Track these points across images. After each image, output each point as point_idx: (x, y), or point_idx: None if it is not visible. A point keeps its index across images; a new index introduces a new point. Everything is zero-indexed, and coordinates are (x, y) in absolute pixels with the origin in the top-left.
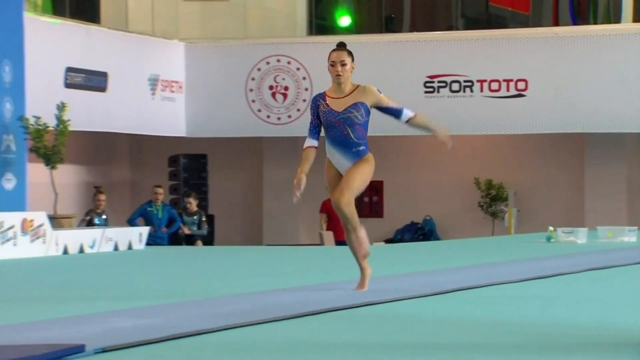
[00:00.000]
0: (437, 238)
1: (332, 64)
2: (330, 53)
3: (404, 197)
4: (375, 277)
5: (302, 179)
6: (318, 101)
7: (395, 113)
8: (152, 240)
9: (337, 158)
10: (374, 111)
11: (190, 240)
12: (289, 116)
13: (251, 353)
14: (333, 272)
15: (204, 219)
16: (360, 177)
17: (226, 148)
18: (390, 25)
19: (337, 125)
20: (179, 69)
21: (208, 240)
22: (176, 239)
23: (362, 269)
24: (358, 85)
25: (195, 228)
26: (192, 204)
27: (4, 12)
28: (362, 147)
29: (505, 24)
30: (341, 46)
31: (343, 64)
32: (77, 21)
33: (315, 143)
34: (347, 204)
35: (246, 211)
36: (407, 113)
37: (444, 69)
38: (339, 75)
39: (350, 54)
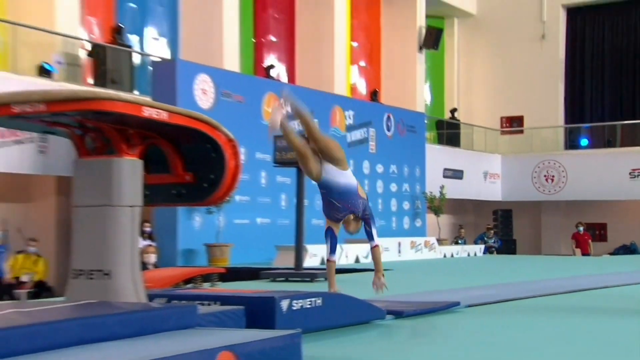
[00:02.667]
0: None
1: None
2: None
3: (619, 230)
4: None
5: None
6: None
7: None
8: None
9: None
10: None
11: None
12: (555, 190)
13: (551, 313)
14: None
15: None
16: None
17: (519, 205)
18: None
19: None
20: (498, 168)
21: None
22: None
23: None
24: None
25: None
26: (491, 232)
27: None
28: None
29: None
30: None
31: None
32: None
33: None
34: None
35: (533, 235)
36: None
37: None
38: None
39: None
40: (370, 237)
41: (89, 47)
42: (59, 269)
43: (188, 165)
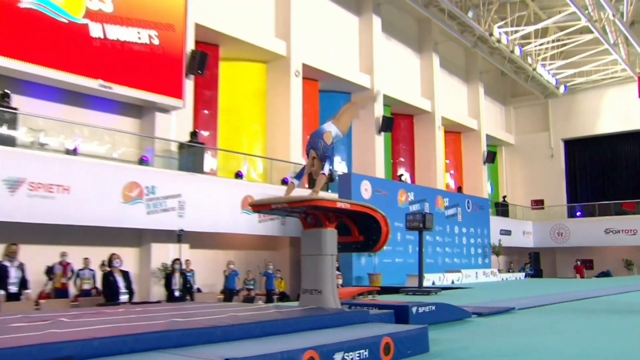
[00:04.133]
0: None
1: None
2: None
3: (600, 262)
4: None
5: None
6: None
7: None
8: None
9: None
10: None
11: None
12: (563, 241)
13: (574, 311)
14: None
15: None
16: None
17: (543, 250)
18: None
19: None
20: (530, 229)
21: None
22: None
23: None
24: None
25: (530, 271)
26: (528, 265)
27: None
28: None
29: None
30: None
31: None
32: None
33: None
34: None
35: (552, 266)
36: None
37: None
38: None
39: None
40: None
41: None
42: (292, 286)
43: (361, 231)
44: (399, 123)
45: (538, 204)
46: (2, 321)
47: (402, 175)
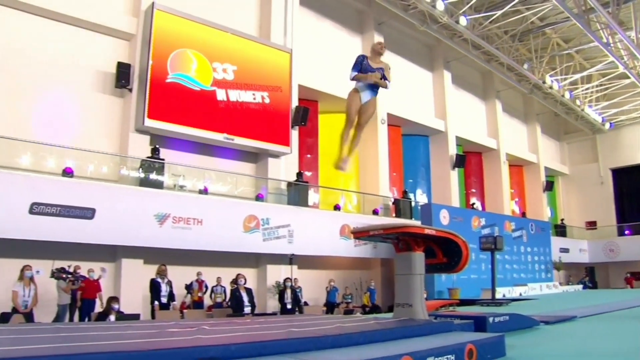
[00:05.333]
0: None
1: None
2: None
3: None
4: None
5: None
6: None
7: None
8: None
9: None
10: None
11: None
12: (615, 256)
13: (631, 318)
14: None
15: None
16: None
17: (598, 265)
18: None
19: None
20: (586, 247)
21: None
22: None
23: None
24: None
25: (588, 283)
26: (586, 278)
27: None
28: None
29: None
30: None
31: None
32: None
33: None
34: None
35: (606, 279)
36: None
37: None
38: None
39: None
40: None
41: (391, 200)
42: (382, 299)
43: (444, 254)
44: (470, 160)
45: (591, 224)
46: (160, 326)
47: (474, 203)
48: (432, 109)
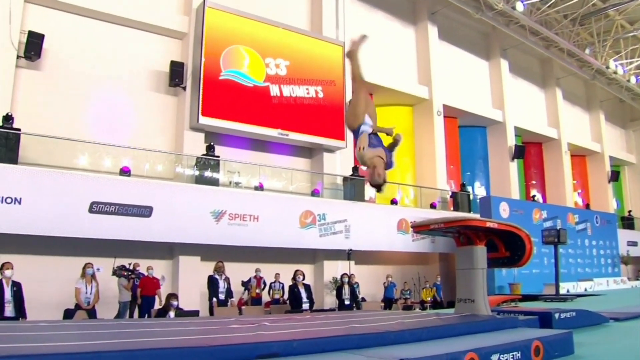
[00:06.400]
0: None
1: None
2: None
3: None
4: None
5: None
6: None
7: None
8: None
9: None
10: None
11: None
12: None
13: None
14: None
15: None
16: None
17: None
18: None
19: None
20: None
21: None
22: None
23: None
24: None
25: None
26: None
27: None
28: None
29: None
30: None
31: None
32: None
33: None
34: None
35: None
36: None
37: None
38: None
39: None
40: None
41: (449, 194)
42: (444, 294)
43: (507, 247)
44: (530, 150)
45: None
46: (221, 323)
47: (534, 196)
48: (489, 99)
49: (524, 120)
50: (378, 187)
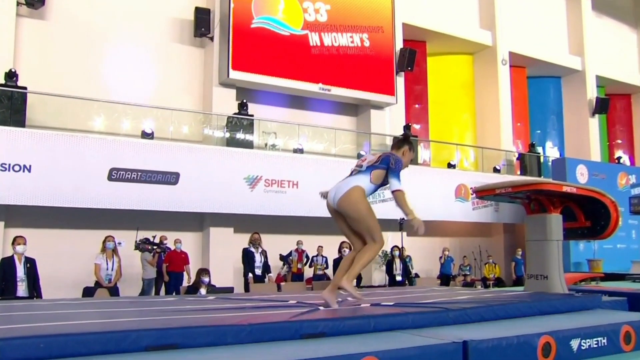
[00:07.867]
0: None
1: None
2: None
3: None
4: None
5: None
6: None
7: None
8: None
9: None
10: None
11: None
12: None
13: None
14: None
15: None
16: None
17: None
18: None
19: None
20: None
21: None
22: None
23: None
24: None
25: None
26: None
27: None
28: None
29: None
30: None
31: None
32: None
33: None
34: None
35: None
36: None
37: None
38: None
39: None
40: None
41: (515, 155)
42: (506, 272)
43: (587, 216)
44: (615, 104)
45: None
46: (259, 300)
47: (620, 157)
48: (565, 43)
49: (609, 67)
50: None
